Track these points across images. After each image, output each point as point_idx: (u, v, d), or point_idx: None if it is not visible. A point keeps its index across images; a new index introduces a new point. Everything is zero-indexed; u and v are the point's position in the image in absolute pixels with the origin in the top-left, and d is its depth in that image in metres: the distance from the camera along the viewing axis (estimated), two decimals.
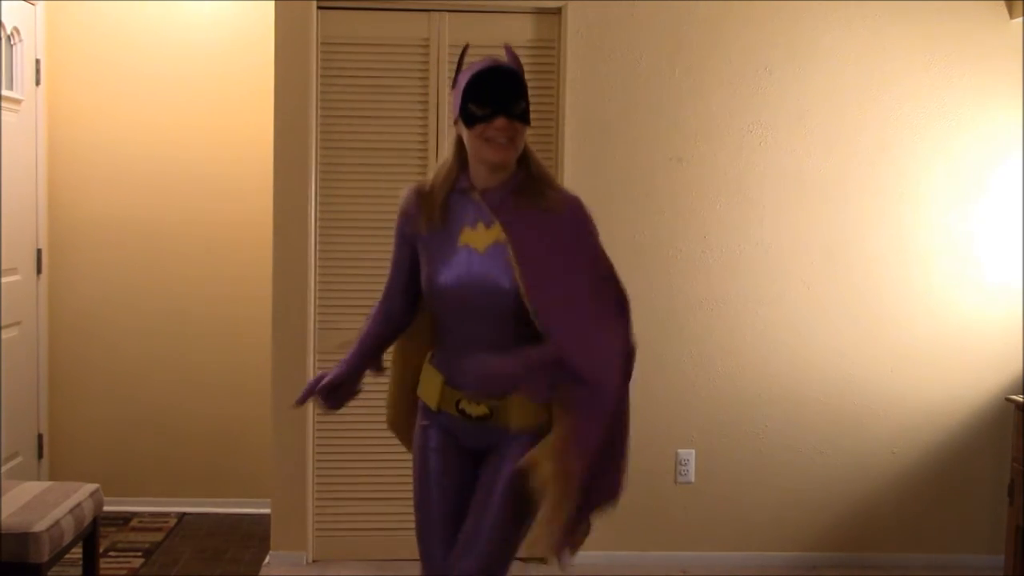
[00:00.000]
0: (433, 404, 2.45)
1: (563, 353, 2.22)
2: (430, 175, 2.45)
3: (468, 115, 2.27)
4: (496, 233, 2.32)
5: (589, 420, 2.24)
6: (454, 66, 3.88)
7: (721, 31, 4.03)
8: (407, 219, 2.43)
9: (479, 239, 2.34)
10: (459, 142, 2.36)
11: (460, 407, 2.40)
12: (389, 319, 2.55)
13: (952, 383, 4.14)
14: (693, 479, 4.12)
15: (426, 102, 3.99)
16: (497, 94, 2.25)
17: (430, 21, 3.99)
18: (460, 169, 2.37)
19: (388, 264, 2.53)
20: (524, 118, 2.29)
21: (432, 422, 2.48)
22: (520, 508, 2.36)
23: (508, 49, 2.42)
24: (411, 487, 2.52)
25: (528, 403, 2.34)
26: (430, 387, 2.46)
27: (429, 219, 2.38)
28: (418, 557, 2.51)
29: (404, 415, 2.61)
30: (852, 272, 4.11)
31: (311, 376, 3.98)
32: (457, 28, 3.95)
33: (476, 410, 2.38)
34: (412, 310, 2.54)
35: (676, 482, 4.12)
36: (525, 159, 2.36)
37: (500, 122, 2.24)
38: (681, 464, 4.11)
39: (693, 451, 4.10)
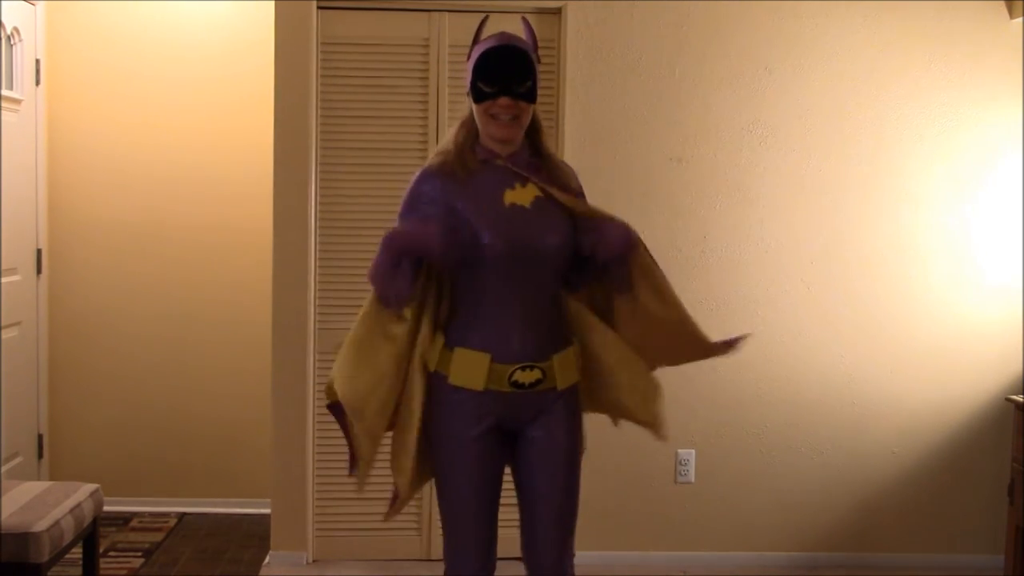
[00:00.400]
0: (480, 385, 2.41)
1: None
2: (449, 139, 2.48)
3: (477, 91, 2.38)
4: (533, 190, 2.43)
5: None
6: (454, 66, 3.93)
7: (721, 31, 4.02)
8: (433, 202, 2.41)
9: (521, 196, 2.42)
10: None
11: (513, 379, 2.40)
12: None
13: (952, 383, 4.14)
14: (693, 479, 4.12)
15: (426, 102, 3.99)
16: (503, 73, 2.35)
17: (430, 21, 3.99)
18: (474, 140, 2.45)
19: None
20: (528, 97, 2.38)
21: (462, 414, 2.44)
22: (578, 476, 2.49)
23: (525, 21, 2.54)
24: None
25: (571, 359, 2.47)
26: (472, 369, 2.42)
27: (463, 174, 2.41)
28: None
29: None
30: (852, 272, 4.10)
31: (311, 376, 3.99)
32: (457, 28, 3.94)
33: (530, 376, 2.41)
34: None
35: (676, 482, 4.12)
36: (536, 134, 2.48)
37: (503, 101, 2.35)
38: (681, 464, 4.11)
39: (693, 451, 4.10)
